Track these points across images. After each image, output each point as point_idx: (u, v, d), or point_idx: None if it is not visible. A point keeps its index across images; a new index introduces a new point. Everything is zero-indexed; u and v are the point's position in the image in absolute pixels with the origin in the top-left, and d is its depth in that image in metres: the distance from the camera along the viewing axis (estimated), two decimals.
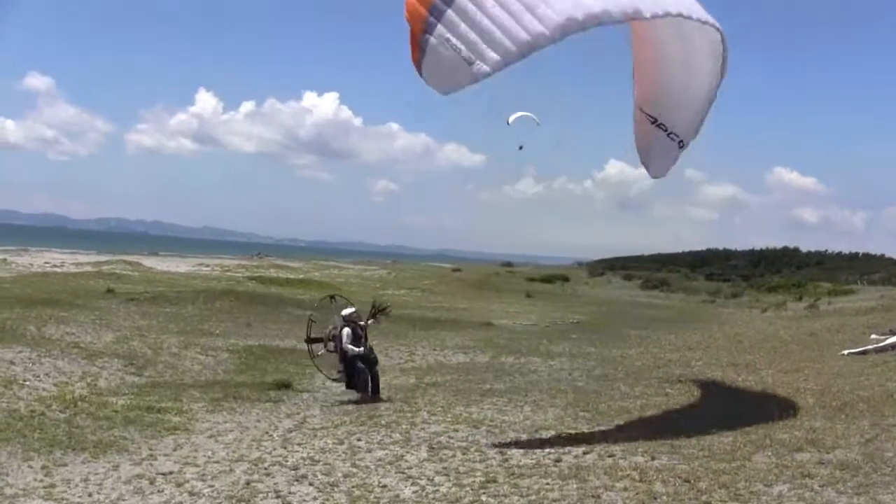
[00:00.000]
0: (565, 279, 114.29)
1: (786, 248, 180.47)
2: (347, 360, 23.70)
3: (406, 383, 27.11)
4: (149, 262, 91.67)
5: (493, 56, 15.98)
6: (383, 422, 20.57)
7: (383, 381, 26.27)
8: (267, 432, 19.69)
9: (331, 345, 24.24)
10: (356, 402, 23.35)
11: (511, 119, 22.83)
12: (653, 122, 20.78)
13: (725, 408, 21.86)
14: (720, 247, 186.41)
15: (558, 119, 22.37)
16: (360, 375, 23.86)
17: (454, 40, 15.97)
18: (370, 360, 24.24)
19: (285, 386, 25.43)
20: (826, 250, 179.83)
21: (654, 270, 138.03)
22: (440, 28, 16.02)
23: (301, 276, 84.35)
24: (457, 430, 19.49)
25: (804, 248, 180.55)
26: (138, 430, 19.10)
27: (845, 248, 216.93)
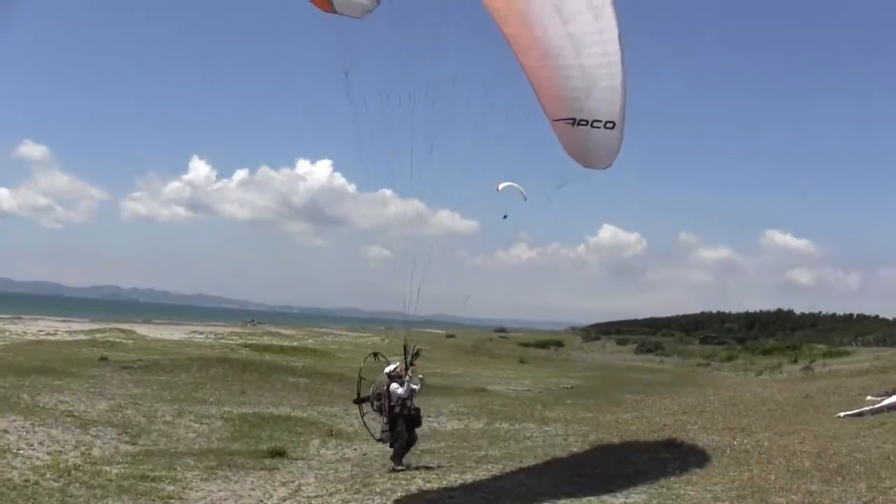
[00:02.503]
0: (559, 344, 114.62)
1: (780, 311, 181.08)
2: (392, 419, 23.35)
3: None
4: (143, 329, 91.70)
5: None
6: (378, 489, 20.46)
7: (377, 448, 26.17)
8: (261, 501, 19.60)
9: (376, 404, 23.82)
10: (393, 470, 23.06)
11: (501, 187, 23.03)
12: (573, 124, 19.68)
13: (721, 472, 21.79)
14: (714, 310, 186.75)
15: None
16: (398, 439, 23.28)
17: None
18: (413, 420, 23.77)
19: (280, 454, 25.29)
20: (820, 312, 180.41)
21: (648, 334, 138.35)
22: None
23: (295, 344, 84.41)
24: (452, 497, 19.41)
25: (798, 311, 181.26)
26: (132, 498, 19.01)
27: (839, 309, 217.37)
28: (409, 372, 23.92)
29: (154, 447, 26.43)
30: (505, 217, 23.21)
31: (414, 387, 23.55)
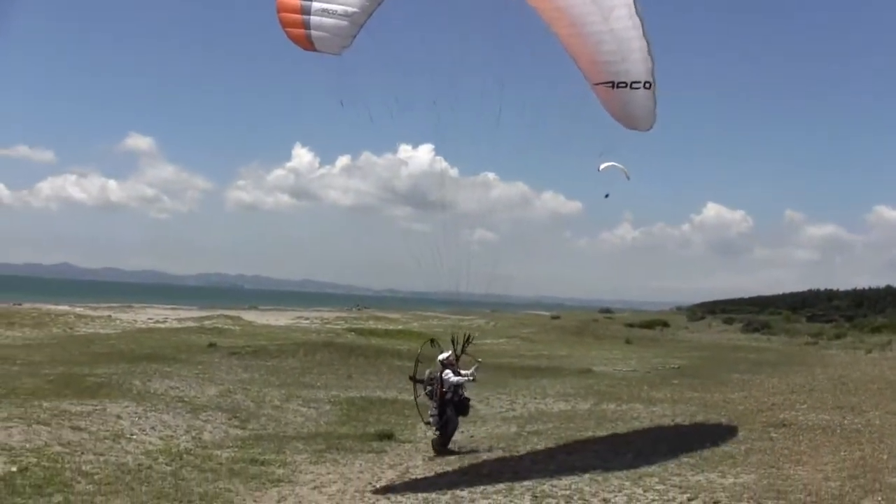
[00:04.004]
0: (665, 324, 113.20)
1: (889, 287, 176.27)
2: (443, 404, 23.45)
3: (508, 432, 26.95)
4: (249, 316, 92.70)
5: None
6: (485, 471, 20.49)
7: (484, 430, 26.25)
8: (370, 483, 19.72)
9: (429, 388, 23.88)
10: (434, 457, 23.08)
11: (602, 167, 22.92)
12: (612, 87, 20.33)
13: (832, 451, 21.49)
14: (821, 288, 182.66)
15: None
16: (447, 425, 23.40)
17: (331, 7, 18.32)
18: (462, 406, 23.88)
19: (387, 437, 25.40)
20: None
21: (754, 313, 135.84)
22: (315, 4, 18.35)
23: (400, 327, 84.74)
24: (560, 479, 19.35)
25: None
26: (243, 482, 19.24)
27: None
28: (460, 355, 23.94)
29: (263, 431, 26.73)
30: (607, 196, 23.20)
31: (469, 378, 23.53)
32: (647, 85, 20.20)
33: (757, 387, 38.50)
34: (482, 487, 18.73)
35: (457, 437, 25.24)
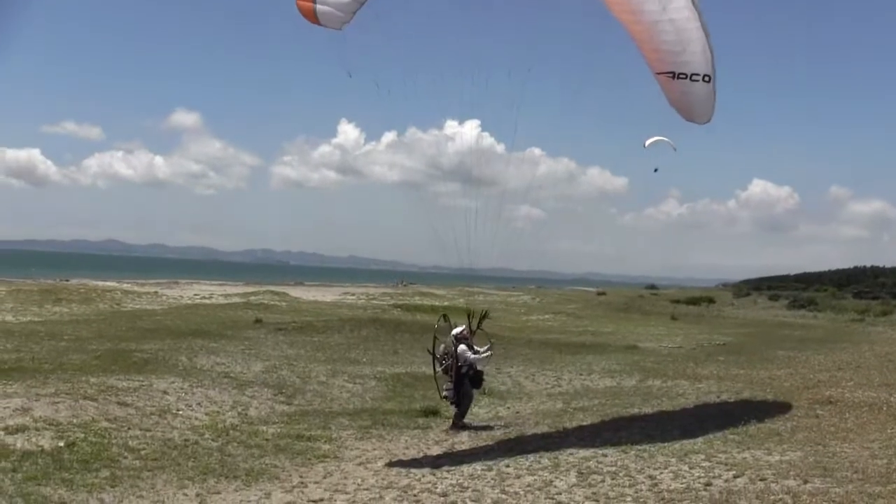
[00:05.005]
0: (710, 301, 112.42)
1: None
2: (459, 379, 23.46)
3: (553, 408, 26.93)
4: (295, 291, 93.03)
5: None
6: (531, 447, 20.48)
7: (530, 406, 26.21)
8: (416, 459, 19.77)
9: (444, 363, 23.87)
10: (449, 429, 23.32)
11: (648, 143, 22.91)
12: (673, 77, 20.42)
13: (879, 429, 21.33)
14: (868, 264, 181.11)
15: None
16: (464, 400, 23.61)
17: None
18: (477, 380, 23.93)
19: (433, 413, 25.43)
20: None
21: (800, 290, 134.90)
22: None
23: (446, 303, 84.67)
24: (605, 455, 19.32)
25: None
26: (289, 457, 19.34)
27: None
28: (483, 345, 23.99)
29: (309, 407, 26.84)
30: (656, 170, 23.21)
31: (487, 354, 23.68)
32: (707, 78, 20.30)
33: (803, 364, 38.22)
34: (528, 463, 18.74)
35: (504, 413, 25.28)
